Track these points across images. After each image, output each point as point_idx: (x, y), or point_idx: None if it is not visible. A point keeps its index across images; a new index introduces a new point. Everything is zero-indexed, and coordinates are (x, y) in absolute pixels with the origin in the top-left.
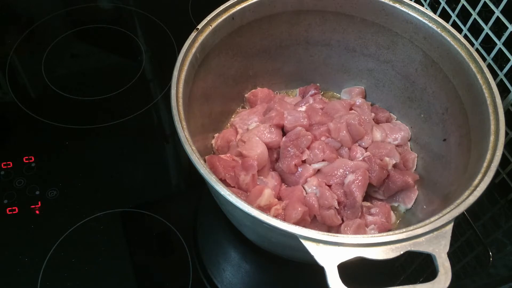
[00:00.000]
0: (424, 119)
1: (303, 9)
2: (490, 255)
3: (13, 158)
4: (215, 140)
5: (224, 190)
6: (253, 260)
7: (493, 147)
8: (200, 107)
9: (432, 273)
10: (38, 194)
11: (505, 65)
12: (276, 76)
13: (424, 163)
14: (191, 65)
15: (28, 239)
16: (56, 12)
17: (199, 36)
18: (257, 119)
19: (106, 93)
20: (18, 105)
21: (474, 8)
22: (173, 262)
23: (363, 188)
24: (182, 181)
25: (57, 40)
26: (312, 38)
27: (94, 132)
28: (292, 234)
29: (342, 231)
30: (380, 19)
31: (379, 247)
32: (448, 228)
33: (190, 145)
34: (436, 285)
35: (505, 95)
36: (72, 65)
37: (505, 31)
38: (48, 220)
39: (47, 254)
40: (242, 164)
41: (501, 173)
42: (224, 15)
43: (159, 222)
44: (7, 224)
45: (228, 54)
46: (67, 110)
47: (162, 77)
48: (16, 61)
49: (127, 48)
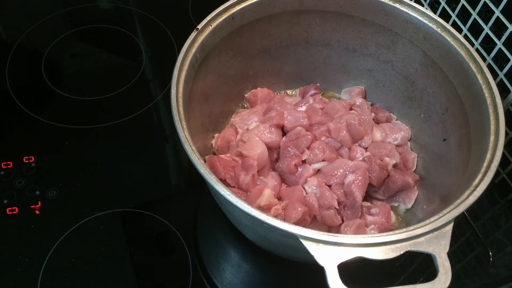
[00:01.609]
0: (424, 119)
1: (303, 9)
2: (490, 255)
3: (13, 158)
4: (215, 140)
5: (224, 190)
6: (253, 260)
7: (493, 147)
8: (200, 107)
9: (432, 273)
10: (38, 194)
11: (505, 65)
12: (276, 76)
13: (424, 163)
14: (191, 65)
15: (28, 239)
16: (56, 12)
17: (199, 36)
18: (257, 119)
19: (106, 93)
20: (18, 105)
21: (474, 8)
22: (173, 262)
23: (363, 188)
24: (182, 181)
25: (57, 40)
26: (312, 38)
27: (94, 132)
28: (292, 234)
29: (342, 231)
30: (380, 19)
31: (379, 247)
32: (448, 228)
33: (190, 145)
34: (436, 285)
35: (505, 95)
36: (72, 65)
37: (505, 31)
38: (48, 220)
39: (47, 254)
40: (242, 164)
41: (501, 173)
42: (224, 15)
43: (159, 222)
44: (7, 224)
45: (228, 54)
46: (67, 110)
47: (162, 77)
48: (16, 61)
49: (127, 48)
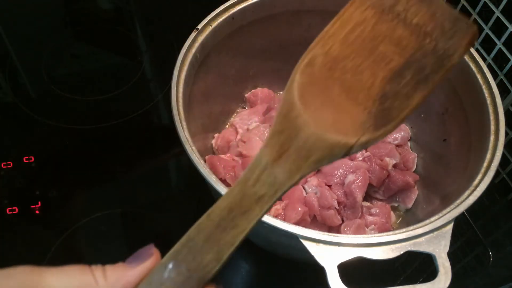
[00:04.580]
0: (424, 119)
1: (303, 9)
2: (490, 255)
3: (13, 158)
4: (215, 140)
5: (224, 190)
6: (253, 260)
7: (493, 147)
8: (200, 107)
9: (432, 273)
10: (38, 194)
11: (505, 65)
12: (276, 76)
13: (424, 163)
14: (191, 65)
15: (28, 239)
16: (56, 12)
17: (199, 36)
18: (257, 119)
19: (106, 93)
20: (18, 105)
21: (474, 8)
22: None
23: (363, 188)
24: (182, 181)
25: (57, 40)
26: (312, 38)
27: (94, 132)
28: (292, 234)
29: (342, 231)
30: None
31: (379, 247)
32: (448, 228)
33: (190, 145)
34: (436, 285)
35: (505, 95)
36: (72, 65)
37: (505, 31)
38: (48, 220)
39: (47, 254)
40: (242, 164)
41: (501, 173)
42: (224, 15)
43: (159, 222)
44: (7, 224)
45: (228, 54)
46: (67, 110)
47: (162, 77)
48: (16, 61)
49: (127, 48)
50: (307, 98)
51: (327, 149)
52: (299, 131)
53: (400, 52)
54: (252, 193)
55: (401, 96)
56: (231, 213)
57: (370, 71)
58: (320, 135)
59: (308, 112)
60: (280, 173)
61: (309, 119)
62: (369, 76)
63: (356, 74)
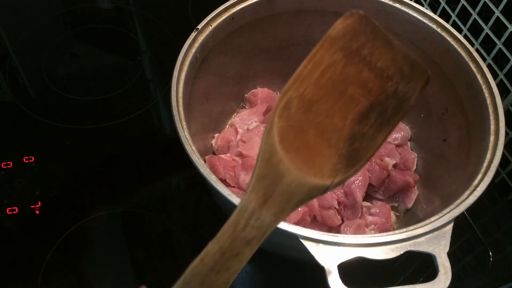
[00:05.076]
0: (424, 119)
1: (303, 9)
2: (490, 255)
3: (13, 158)
4: (215, 140)
5: (224, 190)
6: (253, 260)
7: (493, 147)
8: (200, 107)
9: (432, 273)
10: (38, 194)
11: (505, 65)
12: (276, 76)
13: (424, 163)
14: (191, 65)
15: (28, 239)
16: (56, 12)
17: (199, 36)
18: (257, 119)
19: (106, 93)
20: (18, 105)
21: (474, 8)
22: (173, 262)
23: (363, 188)
24: (182, 181)
25: (57, 40)
26: (312, 38)
27: (94, 132)
28: (292, 234)
29: (342, 231)
30: (380, 19)
31: (379, 247)
32: (448, 228)
33: (190, 145)
34: (436, 285)
35: (505, 95)
36: (72, 65)
37: (505, 31)
38: (48, 220)
39: (47, 254)
40: (242, 164)
41: (501, 173)
42: (224, 15)
43: (159, 222)
44: (7, 224)
45: (228, 54)
46: (67, 110)
47: (162, 77)
48: (16, 61)
49: (127, 48)
50: (286, 142)
51: (307, 192)
52: (282, 177)
53: (366, 94)
54: (243, 237)
55: (367, 138)
56: (223, 256)
57: (341, 114)
58: (300, 180)
59: (288, 158)
60: (267, 216)
61: (290, 165)
62: (339, 118)
63: (328, 117)
